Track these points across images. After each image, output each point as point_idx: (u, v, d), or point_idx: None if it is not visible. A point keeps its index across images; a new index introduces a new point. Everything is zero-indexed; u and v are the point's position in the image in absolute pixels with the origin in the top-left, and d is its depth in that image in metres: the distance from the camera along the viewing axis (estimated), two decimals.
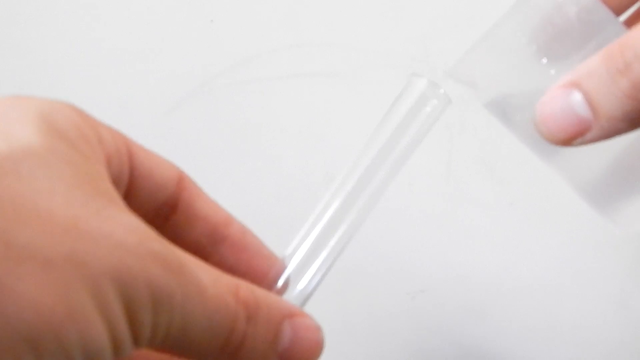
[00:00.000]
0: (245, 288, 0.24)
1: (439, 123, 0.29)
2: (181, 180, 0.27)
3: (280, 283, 0.28)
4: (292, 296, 0.27)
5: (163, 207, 0.27)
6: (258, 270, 0.28)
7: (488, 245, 0.52)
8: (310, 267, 0.28)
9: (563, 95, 0.26)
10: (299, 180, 0.54)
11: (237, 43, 0.55)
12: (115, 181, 0.24)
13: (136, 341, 0.21)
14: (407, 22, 0.54)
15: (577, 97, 0.26)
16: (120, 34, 0.56)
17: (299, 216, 0.53)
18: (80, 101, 0.55)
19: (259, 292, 0.24)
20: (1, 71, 0.56)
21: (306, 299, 0.28)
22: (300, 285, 0.27)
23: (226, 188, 0.54)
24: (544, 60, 0.28)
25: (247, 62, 0.55)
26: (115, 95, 0.55)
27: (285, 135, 0.54)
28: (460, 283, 0.52)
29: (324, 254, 0.28)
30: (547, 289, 0.51)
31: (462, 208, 0.52)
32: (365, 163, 0.28)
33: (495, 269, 0.52)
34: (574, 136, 0.26)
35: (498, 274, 0.52)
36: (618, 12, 0.32)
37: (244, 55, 0.54)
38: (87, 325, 0.20)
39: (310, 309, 0.28)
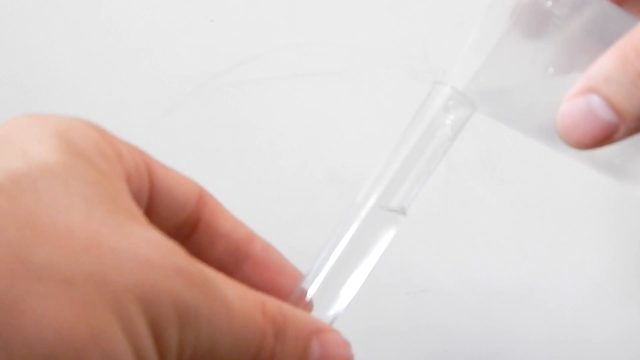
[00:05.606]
0: (272, 304, 0.23)
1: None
2: (202, 197, 0.27)
3: (306, 299, 0.27)
4: (320, 313, 0.27)
5: (184, 226, 0.27)
6: (282, 287, 0.28)
7: (488, 245, 0.52)
8: (338, 282, 0.27)
9: (581, 102, 0.26)
10: (299, 180, 0.54)
11: (237, 43, 0.54)
12: (135, 199, 0.24)
13: None
14: (407, 22, 0.54)
15: (596, 101, 0.25)
16: (120, 34, 0.55)
17: (299, 216, 0.53)
18: (80, 101, 0.55)
19: (286, 308, 0.24)
20: (1, 72, 0.56)
21: (335, 316, 0.27)
22: (328, 303, 0.27)
23: (226, 188, 0.53)
24: (540, 57, 0.27)
25: (247, 62, 0.54)
26: (115, 95, 0.55)
27: (285, 135, 0.54)
28: (460, 283, 0.52)
29: (352, 269, 0.27)
30: (547, 288, 0.52)
31: (462, 208, 0.52)
32: (388, 176, 0.27)
33: (495, 269, 0.52)
34: (602, 140, 0.26)
35: (498, 274, 0.52)
36: None
37: (244, 55, 0.54)
38: (110, 345, 0.19)
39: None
